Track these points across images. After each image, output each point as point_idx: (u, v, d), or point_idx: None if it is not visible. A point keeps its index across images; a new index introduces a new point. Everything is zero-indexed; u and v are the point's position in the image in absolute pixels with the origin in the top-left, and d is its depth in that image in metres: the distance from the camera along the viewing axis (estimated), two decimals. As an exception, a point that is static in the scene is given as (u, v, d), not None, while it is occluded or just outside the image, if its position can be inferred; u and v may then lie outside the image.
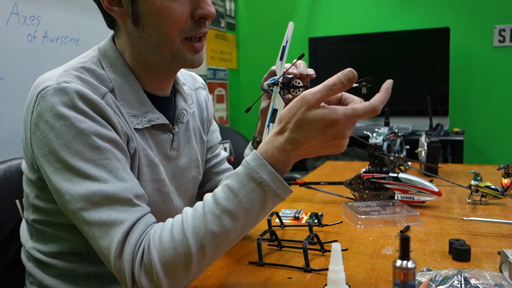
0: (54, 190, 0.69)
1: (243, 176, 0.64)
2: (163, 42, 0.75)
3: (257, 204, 0.64)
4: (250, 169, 0.64)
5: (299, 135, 0.63)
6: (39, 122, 0.69)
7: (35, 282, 0.83)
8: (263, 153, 0.65)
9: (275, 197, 0.64)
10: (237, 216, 0.63)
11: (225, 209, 0.63)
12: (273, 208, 0.68)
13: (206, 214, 0.64)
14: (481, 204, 1.19)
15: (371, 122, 2.84)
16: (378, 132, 1.44)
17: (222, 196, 0.64)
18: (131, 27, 0.77)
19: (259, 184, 0.63)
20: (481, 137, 2.90)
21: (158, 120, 0.81)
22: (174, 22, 0.73)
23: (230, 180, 0.65)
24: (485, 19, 2.80)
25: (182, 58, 0.77)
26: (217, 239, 0.63)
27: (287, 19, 3.71)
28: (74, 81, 0.70)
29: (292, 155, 0.64)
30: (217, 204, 0.64)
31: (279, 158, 0.64)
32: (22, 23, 1.44)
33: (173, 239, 0.64)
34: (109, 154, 0.69)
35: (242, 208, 0.63)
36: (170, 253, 0.63)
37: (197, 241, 0.63)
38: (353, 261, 0.82)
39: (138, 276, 0.63)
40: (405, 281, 0.44)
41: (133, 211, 0.67)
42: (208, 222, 0.63)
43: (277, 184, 0.63)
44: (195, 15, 0.75)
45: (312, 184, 1.38)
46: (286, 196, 0.66)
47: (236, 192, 0.64)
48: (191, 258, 0.63)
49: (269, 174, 0.63)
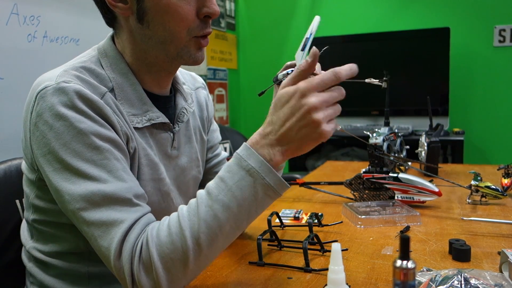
0: (54, 190, 0.69)
1: (233, 166, 0.66)
2: (169, 39, 0.76)
3: (247, 192, 0.64)
4: (239, 158, 0.66)
5: (274, 115, 0.66)
6: (38, 122, 0.69)
7: (36, 282, 0.83)
8: (250, 141, 0.67)
9: (265, 186, 0.64)
10: (229, 206, 0.64)
11: (217, 199, 0.64)
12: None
13: (199, 205, 0.65)
14: (481, 204, 1.19)
15: (371, 122, 2.84)
16: (378, 132, 1.44)
17: (213, 187, 0.66)
18: (134, 24, 0.77)
19: (248, 171, 0.64)
20: (481, 137, 2.90)
21: (159, 119, 0.81)
22: (181, 20, 0.74)
23: (222, 171, 0.67)
24: (485, 19, 2.80)
25: (187, 54, 0.78)
26: (211, 230, 0.63)
27: (287, 19, 3.72)
28: (73, 81, 0.70)
29: (272, 139, 0.65)
30: (209, 194, 0.65)
31: (260, 142, 0.66)
32: (22, 23, 1.44)
33: (170, 233, 0.64)
34: (108, 154, 0.69)
35: (233, 196, 0.64)
36: (168, 247, 0.63)
37: (193, 233, 0.63)
38: (353, 261, 0.82)
39: (138, 274, 0.63)
40: (405, 281, 0.44)
41: (133, 211, 0.67)
42: (201, 213, 0.64)
43: (266, 171, 0.64)
44: (200, 13, 0.76)
45: (312, 184, 1.38)
46: (276, 187, 0.65)
47: (227, 181, 0.65)
48: (188, 252, 0.63)
49: (257, 162, 0.64)
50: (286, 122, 0.64)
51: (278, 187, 0.65)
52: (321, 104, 0.62)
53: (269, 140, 0.66)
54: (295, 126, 0.63)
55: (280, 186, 0.65)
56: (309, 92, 0.63)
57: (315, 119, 0.62)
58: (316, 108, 0.62)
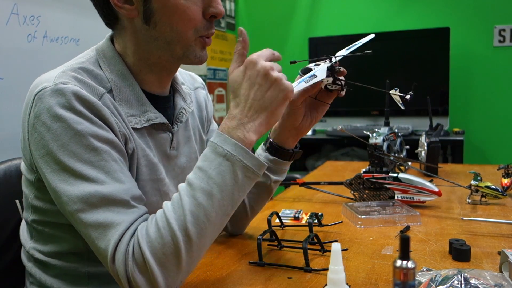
0: (52, 191, 0.69)
1: (209, 154, 0.68)
2: (176, 40, 0.76)
3: (227, 177, 0.66)
4: (214, 145, 0.68)
5: (235, 92, 0.70)
6: (36, 123, 0.69)
7: (35, 282, 0.83)
8: (221, 128, 0.70)
9: (244, 168, 0.67)
10: (211, 193, 0.65)
11: (199, 188, 0.66)
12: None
13: (182, 197, 0.66)
14: (481, 204, 1.19)
15: (371, 122, 2.84)
16: (378, 132, 1.44)
17: (193, 177, 0.67)
18: (139, 25, 0.77)
19: (225, 156, 0.66)
20: (481, 137, 2.90)
21: (157, 120, 0.81)
22: (189, 20, 0.75)
23: (199, 161, 0.69)
24: (485, 19, 2.80)
25: (193, 54, 0.78)
26: (198, 219, 0.65)
27: (287, 19, 3.73)
28: (71, 82, 0.70)
29: (242, 117, 0.69)
30: (190, 185, 0.67)
31: (231, 125, 0.69)
32: (22, 23, 1.44)
33: (158, 228, 0.65)
34: (106, 155, 0.69)
35: (214, 183, 0.66)
36: (159, 242, 0.64)
37: (180, 225, 0.64)
38: (353, 261, 0.82)
39: (132, 274, 0.64)
40: (405, 281, 0.44)
41: (130, 213, 0.68)
42: (185, 204, 0.65)
43: (242, 153, 0.67)
44: (206, 13, 0.76)
45: (312, 184, 1.38)
46: (255, 168, 0.68)
47: (205, 169, 0.67)
48: (179, 243, 0.64)
49: (232, 146, 0.67)
50: (249, 93, 0.69)
51: (257, 168, 0.68)
52: (272, 64, 0.69)
53: (238, 120, 0.69)
54: (259, 92, 0.69)
55: (258, 167, 0.68)
56: (259, 58, 0.69)
57: (274, 77, 0.68)
58: (272, 68, 0.69)
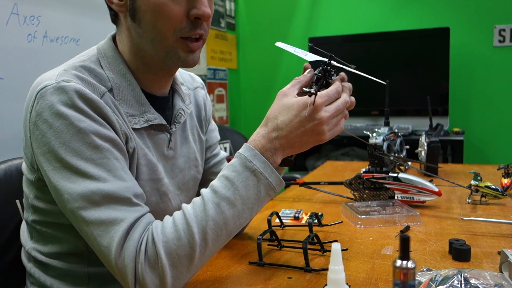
0: (53, 189, 0.69)
1: (238, 166, 0.70)
2: (157, 39, 0.75)
3: (251, 191, 0.69)
4: (244, 159, 0.70)
5: (280, 121, 0.71)
6: (38, 121, 0.69)
7: (36, 282, 0.83)
8: (252, 143, 0.71)
9: (267, 186, 0.70)
10: (234, 203, 0.67)
11: (224, 197, 0.67)
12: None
13: (206, 203, 0.67)
14: (481, 204, 1.19)
15: (371, 122, 2.84)
16: (378, 132, 1.44)
17: (219, 185, 0.68)
18: (130, 21, 0.77)
19: (253, 172, 0.69)
20: (481, 137, 2.89)
21: (156, 120, 0.81)
22: (169, 20, 0.74)
23: (226, 171, 0.70)
24: (485, 19, 2.80)
25: (175, 56, 0.77)
26: (218, 227, 0.66)
27: (287, 19, 3.73)
28: (73, 80, 0.70)
29: (277, 144, 0.71)
30: (216, 193, 0.68)
31: (266, 146, 0.71)
32: (22, 23, 1.44)
33: (176, 229, 0.65)
34: (108, 153, 0.69)
35: (239, 195, 0.68)
36: (175, 243, 0.65)
37: (200, 229, 0.65)
38: (353, 261, 0.82)
39: (142, 272, 0.63)
40: (405, 281, 0.44)
41: (133, 210, 0.67)
42: (209, 210, 0.66)
43: (269, 172, 0.70)
44: (190, 15, 0.75)
45: (312, 184, 1.38)
46: (277, 187, 0.71)
47: (233, 180, 0.68)
48: (195, 247, 0.65)
49: (261, 163, 0.69)
50: (294, 131, 0.70)
51: (278, 186, 0.71)
52: (328, 118, 0.71)
53: (274, 145, 0.71)
54: (303, 135, 0.70)
55: (279, 186, 0.71)
56: (320, 106, 0.70)
57: (321, 130, 0.71)
58: (326, 122, 0.71)
